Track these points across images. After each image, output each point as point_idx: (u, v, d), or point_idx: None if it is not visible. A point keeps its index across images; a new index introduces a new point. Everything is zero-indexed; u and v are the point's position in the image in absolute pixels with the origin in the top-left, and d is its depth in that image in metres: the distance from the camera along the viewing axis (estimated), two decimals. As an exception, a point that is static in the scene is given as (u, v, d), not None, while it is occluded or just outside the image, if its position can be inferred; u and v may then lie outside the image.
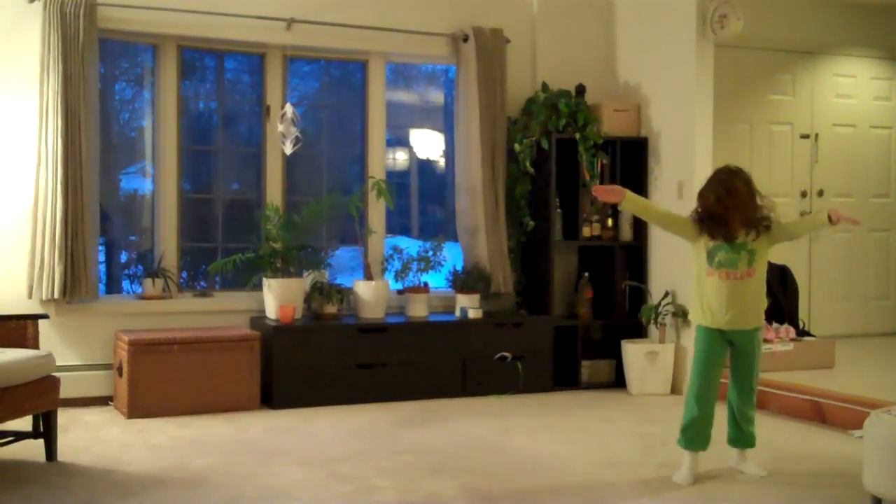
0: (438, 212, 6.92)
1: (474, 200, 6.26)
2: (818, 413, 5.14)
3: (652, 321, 6.16)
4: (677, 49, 6.14)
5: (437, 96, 6.92)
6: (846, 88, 7.74)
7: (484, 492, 3.82)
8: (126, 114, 6.31)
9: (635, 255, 6.46)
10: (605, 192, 4.20)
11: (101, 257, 5.83)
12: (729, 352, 4.14)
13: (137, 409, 5.18)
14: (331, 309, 5.86)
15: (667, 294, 6.14)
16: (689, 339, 5.98)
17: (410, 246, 6.36)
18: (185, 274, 6.11)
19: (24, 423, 4.29)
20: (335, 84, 6.64)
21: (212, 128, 6.27)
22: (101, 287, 5.73)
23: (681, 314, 6.05)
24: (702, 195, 4.04)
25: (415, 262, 6.16)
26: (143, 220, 6.10)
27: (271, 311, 5.73)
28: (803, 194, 7.55)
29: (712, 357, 4.06)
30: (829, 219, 3.99)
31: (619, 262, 6.42)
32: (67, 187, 5.30)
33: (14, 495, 3.72)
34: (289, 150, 5.80)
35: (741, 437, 4.14)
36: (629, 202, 4.16)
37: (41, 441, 4.24)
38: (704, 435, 4.04)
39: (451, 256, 6.33)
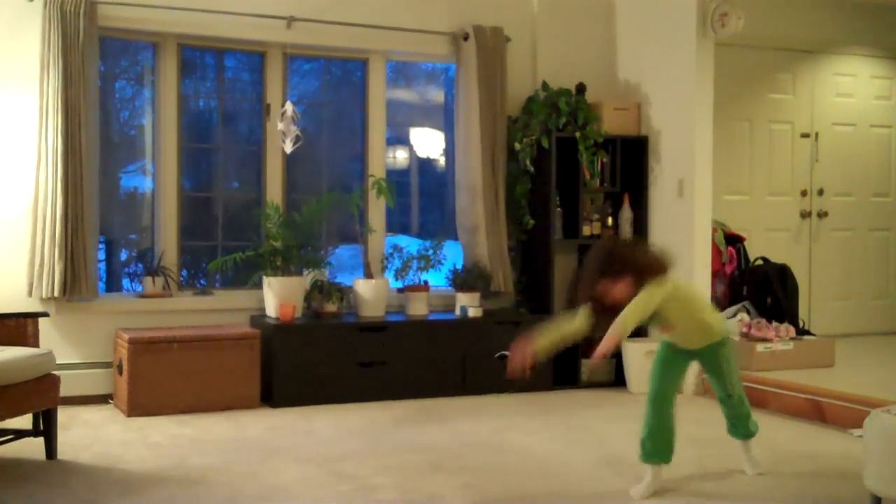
0: (438, 210, 6.91)
1: (474, 199, 6.26)
2: (818, 412, 5.14)
3: (652, 320, 6.15)
4: (678, 47, 6.14)
5: (437, 95, 6.92)
6: (846, 87, 7.74)
7: (483, 490, 3.82)
8: (126, 112, 6.31)
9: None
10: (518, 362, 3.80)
11: (101, 255, 5.83)
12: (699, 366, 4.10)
13: (137, 407, 5.18)
14: (331, 307, 5.86)
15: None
16: (689, 338, 5.99)
17: (410, 244, 6.36)
18: (185, 272, 6.11)
19: (24, 422, 4.28)
20: (335, 82, 6.64)
21: (212, 126, 6.27)
22: (101, 285, 5.74)
23: (681, 313, 6.04)
24: None
25: (415, 261, 6.15)
26: (143, 219, 6.10)
27: (271, 310, 5.73)
28: (803, 193, 7.56)
29: (668, 362, 3.91)
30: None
31: (619, 260, 6.41)
32: (67, 185, 5.30)
33: (14, 493, 3.72)
34: (289, 148, 5.80)
35: (737, 430, 4.08)
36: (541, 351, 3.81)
37: (41, 439, 4.24)
38: (662, 445, 3.81)
39: (451, 255, 6.32)
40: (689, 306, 3.84)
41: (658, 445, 3.81)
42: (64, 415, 4.85)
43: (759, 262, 6.73)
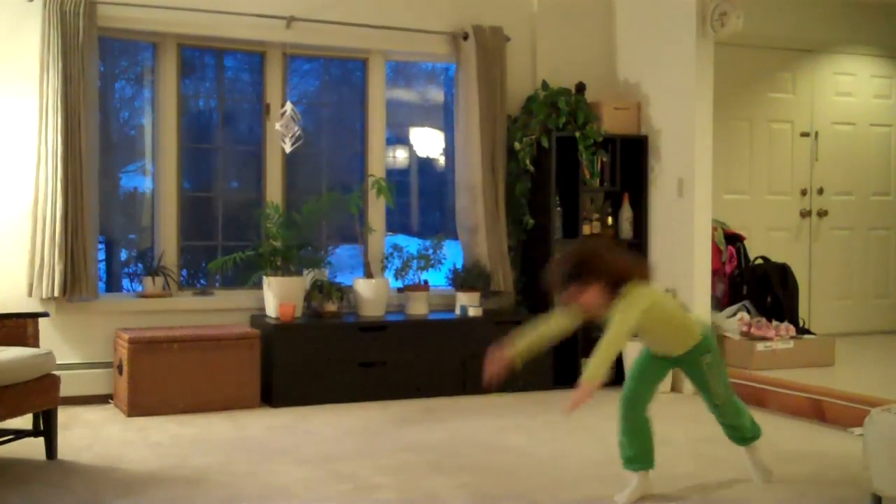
0: (438, 210, 6.91)
1: (474, 198, 6.26)
2: (818, 411, 5.14)
3: (652, 319, 6.15)
4: (677, 47, 6.14)
5: (436, 94, 6.92)
6: (846, 86, 7.74)
7: (483, 490, 3.82)
8: (126, 112, 6.31)
9: (635, 252, 6.45)
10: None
11: (101, 255, 5.83)
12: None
13: (137, 407, 5.18)
14: (331, 307, 5.86)
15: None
16: (689, 338, 5.99)
17: (410, 244, 6.36)
18: (185, 272, 6.11)
19: (25, 422, 4.28)
20: (335, 82, 6.64)
21: (212, 126, 6.27)
22: (101, 285, 5.74)
23: (681, 312, 6.04)
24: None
25: (415, 261, 6.15)
26: (143, 219, 6.10)
27: (271, 310, 5.73)
28: (803, 192, 7.56)
29: (645, 365, 3.82)
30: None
31: (619, 260, 6.41)
32: (67, 186, 5.30)
33: (14, 494, 3.72)
34: (289, 147, 5.80)
35: (734, 435, 3.92)
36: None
37: (41, 439, 4.25)
38: (640, 450, 3.71)
39: (451, 254, 6.33)
40: (663, 315, 3.67)
41: (636, 450, 3.72)
42: (64, 415, 4.85)
43: (759, 261, 6.73)
